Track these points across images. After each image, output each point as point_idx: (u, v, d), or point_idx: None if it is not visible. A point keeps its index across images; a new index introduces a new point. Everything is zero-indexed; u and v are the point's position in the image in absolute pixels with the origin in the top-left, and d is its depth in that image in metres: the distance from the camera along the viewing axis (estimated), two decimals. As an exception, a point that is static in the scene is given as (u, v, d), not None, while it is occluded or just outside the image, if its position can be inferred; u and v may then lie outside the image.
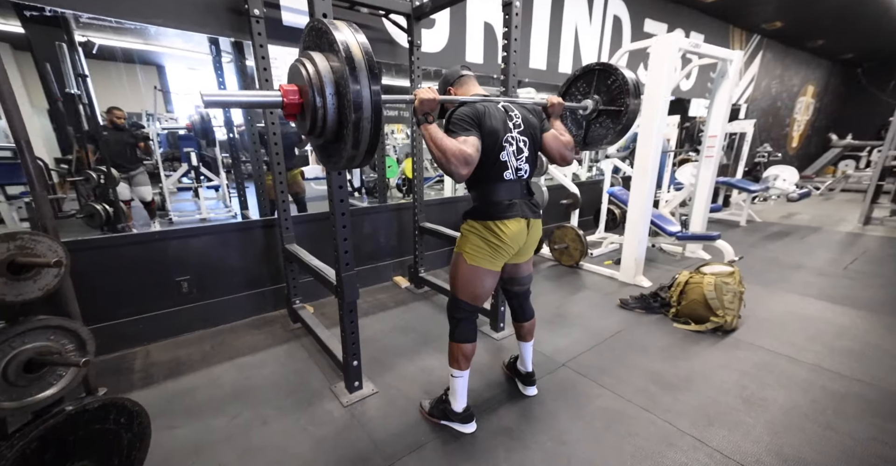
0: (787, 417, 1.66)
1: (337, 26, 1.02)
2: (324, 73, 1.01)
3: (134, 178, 3.96)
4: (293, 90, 1.06)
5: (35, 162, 1.14)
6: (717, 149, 3.67)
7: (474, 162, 1.28)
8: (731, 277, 2.41)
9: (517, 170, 1.44)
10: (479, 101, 1.39)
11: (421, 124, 1.26)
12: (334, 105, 1.02)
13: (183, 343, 2.31)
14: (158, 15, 2.02)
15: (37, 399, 1.10)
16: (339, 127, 1.05)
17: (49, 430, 1.08)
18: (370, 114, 1.00)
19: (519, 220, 1.43)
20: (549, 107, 1.57)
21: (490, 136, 1.35)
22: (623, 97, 1.72)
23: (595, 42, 4.36)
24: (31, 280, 1.06)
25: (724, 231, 4.93)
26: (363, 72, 0.98)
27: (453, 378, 1.57)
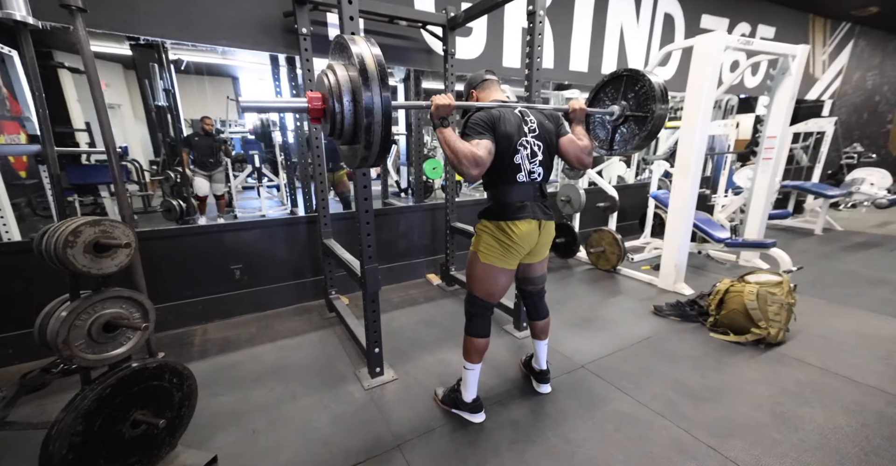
0: (822, 437, 1.52)
1: (354, 41, 1.14)
2: (342, 82, 1.12)
3: (214, 176, 4.58)
4: (317, 97, 1.18)
5: (119, 163, 1.40)
6: (777, 151, 3.37)
7: (485, 163, 1.34)
8: (778, 287, 2.22)
9: (530, 172, 1.48)
10: (496, 107, 1.45)
11: (437, 128, 1.35)
12: (351, 111, 1.13)
13: (234, 324, 2.60)
14: (224, 37, 2.33)
15: (111, 355, 1.34)
16: (354, 130, 1.16)
17: (119, 380, 1.32)
18: (381, 118, 1.10)
19: (530, 221, 1.47)
20: (571, 112, 1.60)
21: (504, 140, 1.41)
22: (649, 103, 1.71)
23: (643, 42, 4.18)
24: (109, 257, 1.31)
25: (793, 240, 4.48)
26: (375, 80, 1.07)
27: (466, 370, 1.64)
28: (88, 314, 1.29)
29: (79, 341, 1.27)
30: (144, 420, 1.36)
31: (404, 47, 2.92)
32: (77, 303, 1.26)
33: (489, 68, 3.28)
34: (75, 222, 1.23)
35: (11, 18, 1.15)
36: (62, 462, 1.15)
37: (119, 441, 1.30)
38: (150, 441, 1.39)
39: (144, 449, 1.38)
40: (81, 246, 1.23)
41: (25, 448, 1.55)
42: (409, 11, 2.65)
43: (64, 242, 1.19)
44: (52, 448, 1.14)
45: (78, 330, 1.27)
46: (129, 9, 2.07)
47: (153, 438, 1.40)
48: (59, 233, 1.20)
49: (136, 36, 2.15)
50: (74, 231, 1.21)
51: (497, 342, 2.31)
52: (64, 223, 1.24)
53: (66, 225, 1.23)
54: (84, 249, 1.23)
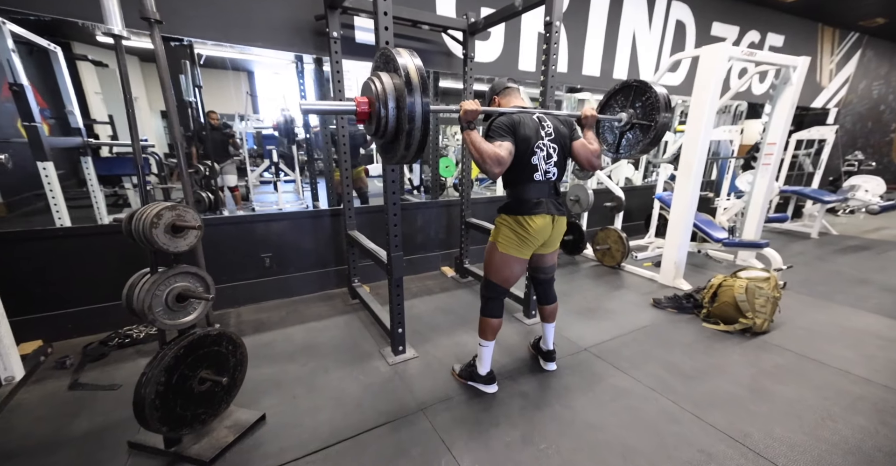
0: (789, 407, 1.75)
1: (400, 53, 1.28)
2: (388, 89, 1.27)
3: (223, 168, 4.80)
4: (364, 102, 1.34)
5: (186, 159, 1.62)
6: (776, 157, 3.55)
7: (506, 163, 1.51)
8: (765, 282, 2.42)
9: (546, 172, 1.65)
10: (517, 112, 1.62)
11: (464, 130, 1.52)
12: (395, 115, 1.29)
13: (265, 308, 2.83)
14: (259, 38, 2.54)
15: (182, 322, 1.56)
16: (396, 132, 1.31)
17: (188, 343, 1.54)
18: (420, 123, 1.26)
19: (544, 216, 1.65)
20: (583, 118, 1.75)
21: (523, 143, 1.57)
22: (654, 113, 1.85)
23: (654, 48, 4.33)
24: (181, 238, 1.52)
25: (790, 242, 4.67)
26: (417, 89, 1.24)
27: (481, 346, 1.85)
28: (166, 285, 1.51)
29: (159, 308, 1.49)
30: (209, 377, 1.59)
31: (425, 50, 3.11)
32: (157, 276, 1.48)
33: (507, 74, 3.48)
34: (158, 206, 1.44)
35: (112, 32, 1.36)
36: (150, 404, 1.38)
37: (190, 394, 1.53)
38: (213, 398, 1.62)
39: (209, 403, 1.60)
40: (163, 227, 1.45)
41: (99, 404, 1.81)
42: (431, 16, 2.84)
43: (150, 223, 1.41)
44: (144, 392, 1.38)
45: (157, 299, 1.49)
46: (172, 12, 2.27)
47: (214, 395, 1.63)
48: (146, 216, 1.42)
49: (179, 37, 2.35)
50: (158, 213, 1.43)
51: (508, 327, 2.52)
52: (148, 207, 1.45)
53: (150, 209, 1.44)
54: (164, 230, 1.45)
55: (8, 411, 1.76)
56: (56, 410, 1.77)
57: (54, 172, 2.61)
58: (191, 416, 1.55)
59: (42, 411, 1.76)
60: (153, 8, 1.56)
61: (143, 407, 1.39)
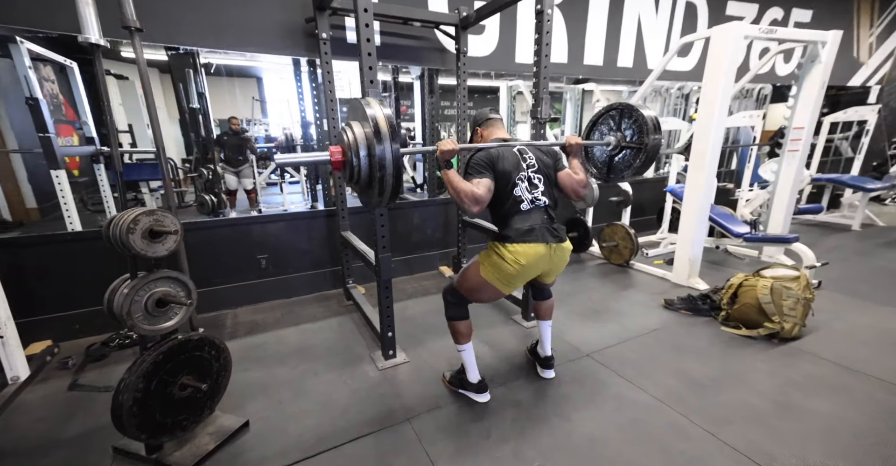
0: (826, 425, 1.55)
1: (369, 103, 1.31)
2: (359, 139, 1.30)
3: (242, 172, 4.94)
4: (338, 151, 1.35)
5: (167, 162, 1.59)
6: (804, 143, 3.27)
7: (484, 200, 1.47)
8: (794, 282, 2.20)
9: (534, 200, 1.56)
10: (496, 147, 1.57)
11: (441, 169, 1.48)
12: (367, 163, 1.30)
13: (261, 309, 2.82)
14: (251, 43, 2.52)
15: (162, 327, 1.54)
16: (369, 179, 1.32)
17: (169, 348, 1.52)
18: (391, 170, 1.27)
19: (537, 245, 1.51)
20: (568, 146, 1.68)
21: (503, 177, 1.53)
22: (643, 135, 1.80)
23: (662, 34, 4.10)
24: (160, 243, 1.50)
25: (826, 235, 4.32)
26: (386, 138, 1.25)
27: (459, 352, 1.76)
28: (145, 291, 1.49)
29: (138, 313, 1.48)
30: (190, 383, 1.56)
31: (418, 47, 3.03)
32: (136, 281, 1.46)
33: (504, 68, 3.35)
34: (134, 212, 1.43)
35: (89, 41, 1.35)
36: (128, 412, 1.37)
37: (170, 400, 1.51)
38: (195, 404, 1.59)
39: (190, 410, 1.57)
40: (140, 232, 1.43)
41: (94, 405, 1.82)
42: (422, 13, 2.75)
43: (126, 229, 1.39)
44: (121, 399, 1.36)
45: (137, 304, 1.47)
46: (171, 22, 2.28)
47: (197, 401, 1.60)
48: (122, 221, 1.40)
49: (175, 45, 2.36)
50: (134, 219, 1.41)
51: (505, 330, 2.41)
52: (125, 213, 1.44)
53: (127, 214, 1.42)
54: (141, 235, 1.43)
55: (10, 411, 1.80)
56: (54, 411, 1.79)
57: (66, 180, 2.68)
58: (171, 423, 1.52)
59: (41, 412, 1.79)
60: (133, 16, 1.56)
61: (121, 414, 1.37)
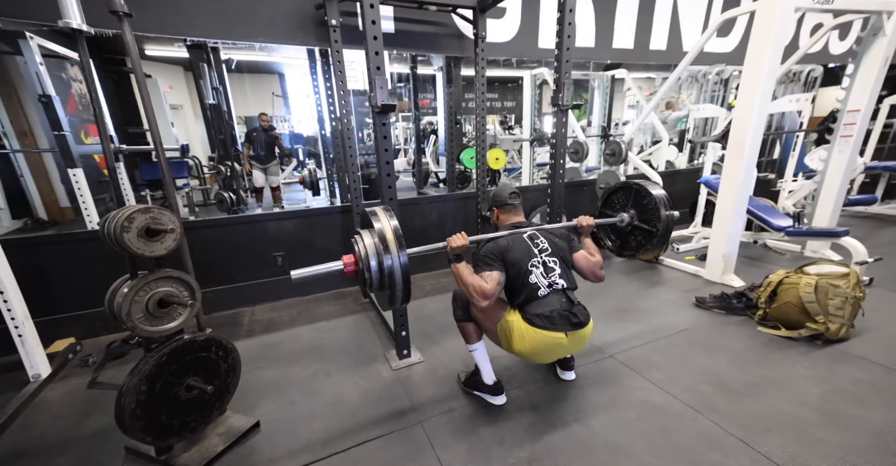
0: (878, 439, 1.38)
1: (377, 215, 1.39)
2: (369, 248, 1.38)
3: (269, 169, 4.95)
4: (351, 261, 1.42)
5: (165, 160, 1.56)
6: (859, 127, 2.96)
7: (492, 294, 1.46)
8: (843, 279, 2.00)
9: (551, 284, 1.52)
10: (506, 236, 1.59)
11: (452, 263, 1.52)
12: (377, 270, 1.37)
13: (278, 307, 2.82)
14: (261, 34, 2.48)
15: (166, 328, 1.51)
16: (381, 283, 1.39)
17: (173, 350, 1.50)
18: (400, 275, 1.34)
19: (555, 334, 1.45)
20: (580, 227, 1.70)
21: (514, 266, 1.52)
22: (655, 215, 1.86)
23: (701, 10, 3.81)
24: (158, 241, 1.47)
25: (879, 228, 3.97)
26: (393, 248, 1.33)
27: (471, 352, 1.70)
28: (145, 291, 1.46)
29: (139, 314, 1.45)
30: (196, 385, 1.53)
31: (434, 33, 2.92)
32: (136, 281, 1.43)
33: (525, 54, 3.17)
34: (129, 210, 1.39)
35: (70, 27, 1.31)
36: (131, 414, 1.34)
37: (176, 402, 1.48)
38: (203, 405, 1.57)
39: (198, 411, 1.55)
40: (135, 230, 1.38)
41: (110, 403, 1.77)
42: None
43: (121, 227, 1.35)
44: (124, 403, 1.34)
45: (137, 305, 1.44)
46: (175, 12, 2.25)
47: (205, 402, 1.57)
48: (116, 220, 1.37)
49: (182, 37, 2.34)
50: (129, 217, 1.37)
51: (524, 329, 2.30)
52: (120, 210, 1.40)
53: (121, 212, 1.39)
54: (137, 233, 1.39)
55: (31, 409, 1.84)
56: (72, 409, 1.82)
57: (83, 178, 2.73)
58: (178, 424, 1.50)
59: (60, 410, 1.82)
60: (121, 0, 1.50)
61: (124, 418, 1.35)
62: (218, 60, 3.73)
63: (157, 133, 1.52)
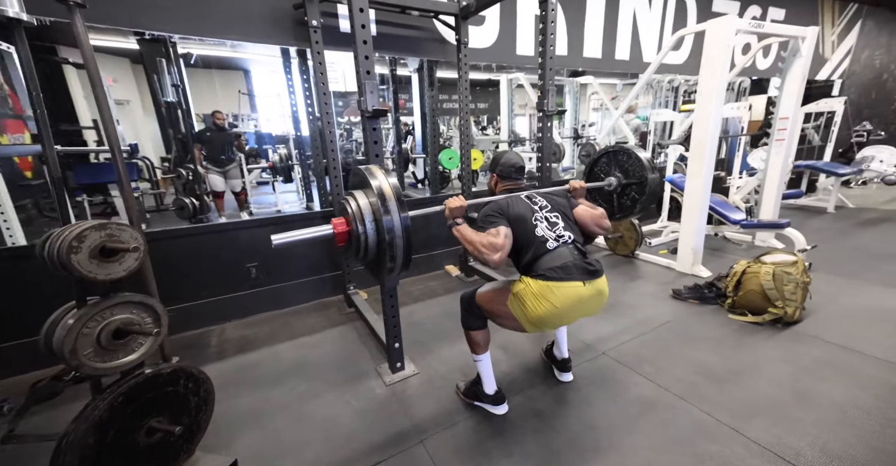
0: (841, 412, 1.53)
1: (373, 173, 1.25)
2: (364, 208, 1.25)
3: (229, 172, 4.47)
4: (341, 222, 1.28)
5: (123, 165, 1.37)
6: (790, 132, 3.32)
7: (503, 247, 1.37)
8: (793, 267, 2.20)
9: (558, 237, 1.48)
10: (503, 198, 1.55)
11: (452, 227, 1.46)
12: (374, 230, 1.25)
13: (252, 323, 2.61)
14: (233, 31, 2.29)
15: (123, 362, 1.29)
16: (378, 247, 1.26)
17: (132, 388, 1.27)
18: (401, 232, 1.21)
19: (574, 284, 1.38)
20: (573, 191, 1.74)
21: (519, 221, 1.47)
22: (641, 171, 1.90)
23: (655, 27, 4.12)
24: (117, 262, 1.24)
25: (807, 218, 4.43)
26: (393, 203, 1.20)
27: (476, 362, 1.66)
28: (97, 321, 1.23)
29: (87, 349, 1.21)
30: (160, 427, 1.30)
31: (417, 37, 2.87)
32: (84, 310, 1.21)
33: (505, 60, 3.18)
34: (79, 227, 1.17)
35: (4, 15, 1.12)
36: (74, 475, 1.09)
37: (134, 451, 1.25)
38: (167, 449, 1.35)
39: (161, 458, 1.33)
40: (87, 251, 1.17)
41: (36, 463, 1.48)
42: (420, 1, 2.58)
43: (68, 248, 1.13)
44: (64, 460, 1.10)
45: (86, 338, 1.21)
46: (133, 3, 2.02)
47: (170, 445, 1.35)
48: (62, 239, 1.15)
49: (141, 31, 2.11)
50: (79, 236, 1.15)
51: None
52: (67, 228, 1.18)
53: (69, 230, 1.17)
54: (90, 254, 1.18)
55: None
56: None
57: (4, 186, 2.38)
58: (136, 478, 1.26)
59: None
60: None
61: (64, 480, 1.09)
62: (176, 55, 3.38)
63: (115, 134, 1.34)
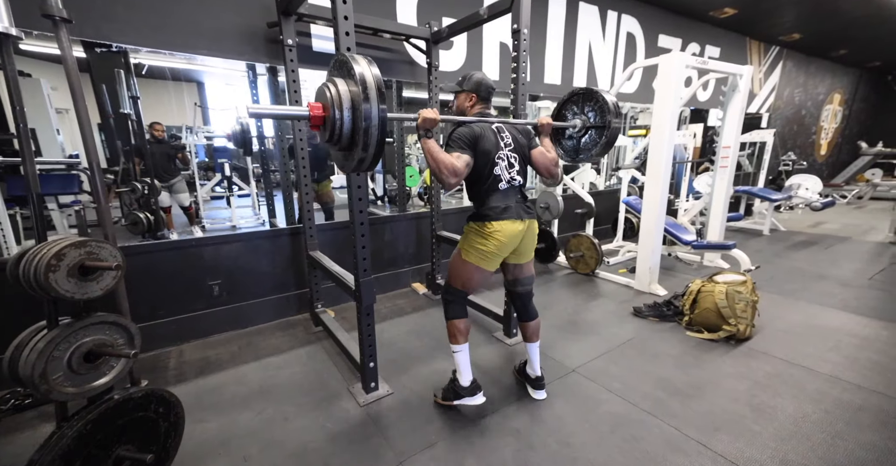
0: (795, 425, 1.66)
1: (357, 60, 1.23)
2: (343, 95, 1.23)
3: (173, 187, 4.28)
4: (318, 106, 1.29)
5: (103, 181, 1.31)
6: (732, 160, 3.67)
7: (462, 174, 1.50)
8: (743, 286, 2.40)
9: (511, 179, 1.65)
10: (476, 122, 1.61)
11: (422, 138, 1.47)
12: (350, 118, 1.23)
13: (214, 343, 2.47)
14: (204, 46, 2.25)
15: (92, 387, 1.23)
16: (352, 135, 1.26)
17: (101, 415, 1.21)
18: (377, 123, 1.21)
19: (514, 221, 1.62)
20: (539, 126, 1.80)
21: (483, 156, 1.59)
22: (605, 115, 1.93)
23: (609, 57, 4.45)
24: (94, 281, 1.20)
25: (746, 240, 4.85)
26: (374, 93, 1.19)
27: (455, 353, 1.76)
28: (69, 343, 1.18)
29: (57, 374, 1.16)
30: (129, 455, 1.26)
31: (388, 58, 2.93)
32: (56, 332, 1.16)
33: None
34: (59, 244, 1.13)
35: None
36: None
37: None
38: (136, 479, 1.29)
39: (129, 488, 1.26)
40: (65, 269, 1.13)
41: None
42: (392, 25, 2.67)
43: (46, 266, 1.09)
44: None
45: (56, 361, 1.16)
46: (102, 15, 1.96)
47: (138, 475, 1.29)
48: (40, 257, 1.10)
49: (107, 43, 2.02)
50: (58, 254, 1.11)
51: (488, 350, 2.34)
52: (46, 245, 1.14)
53: (48, 247, 1.13)
54: (68, 273, 1.14)
55: None
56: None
57: None
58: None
59: None
60: (58, 4, 1.27)
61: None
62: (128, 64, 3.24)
63: (94, 148, 1.27)
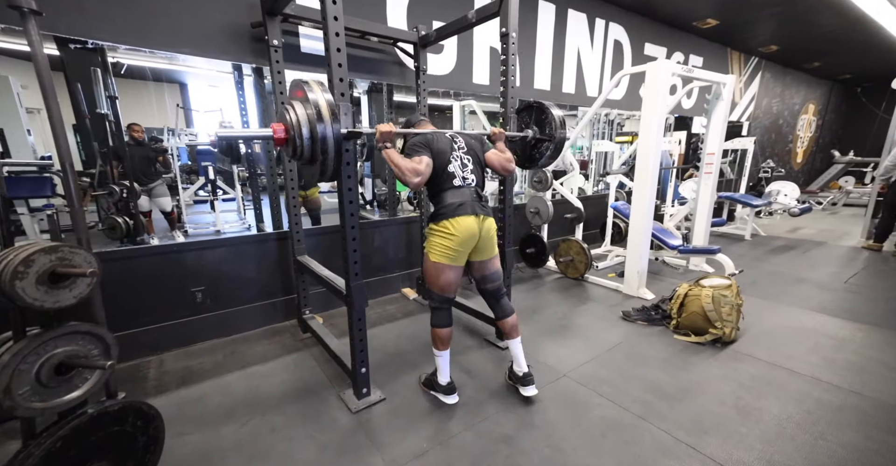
0: (779, 427, 1.69)
1: (312, 88, 1.42)
2: (301, 119, 1.41)
3: (153, 190, 4.13)
4: (281, 128, 1.45)
5: (76, 183, 1.25)
6: (716, 166, 3.76)
7: (424, 173, 1.64)
8: (728, 290, 2.45)
9: (464, 178, 1.77)
10: (430, 133, 1.77)
11: (381, 150, 1.61)
12: (309, 139, 1.43)
13: (196, 352, 2.39)
14: (187, 45, 2.20)
15: (64, 401, 1.15)
16: (312, 154, 1.45)
17: (73, 431, 1.14)
18: (332, 144, 1.43)
19: (468, 217, 1.70)
20: (493, 135, 1.96)
21: (439, 155, 1.73)
22: (551, 129, 2.13)
23: (597, 64, 4.53)
24: (67, 288, 1.13)
25: (729, 244, 4.97)
26: (328, 122, 1.39)
27: (436, 356, 1.86)
28: (37, 355, 1.11)
29: (23, 388, 1.09)
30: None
31: (377, 60, 2.91)
32: (23, 344, 1.09)
33: (462, 88, 3.40)
34: (27, 250, 1.07)
35: None
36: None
37: None
38: (113, 497, 1.23)
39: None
40: (34, 276, 1.07)
41: None
42: (381, 28, 2.66)
43: (12, 274, 1.03)
44: None
45: (23, 375, 1.09)
46: (76, 10, 1.89)
47: (114, 493, 1.23)
48: (6, 264, 1.04)
49: (83, 40, 1.96)
50: (26, 260, 1.06)
51: (480, 354, 2.32)
52: (12, 251, 1.08)
53: (14, 253, 1.07)
54: (37, 280, 1.08)
55: None
56: None
57: None
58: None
59: None
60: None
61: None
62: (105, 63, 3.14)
63: (67, 149, 1.21)
